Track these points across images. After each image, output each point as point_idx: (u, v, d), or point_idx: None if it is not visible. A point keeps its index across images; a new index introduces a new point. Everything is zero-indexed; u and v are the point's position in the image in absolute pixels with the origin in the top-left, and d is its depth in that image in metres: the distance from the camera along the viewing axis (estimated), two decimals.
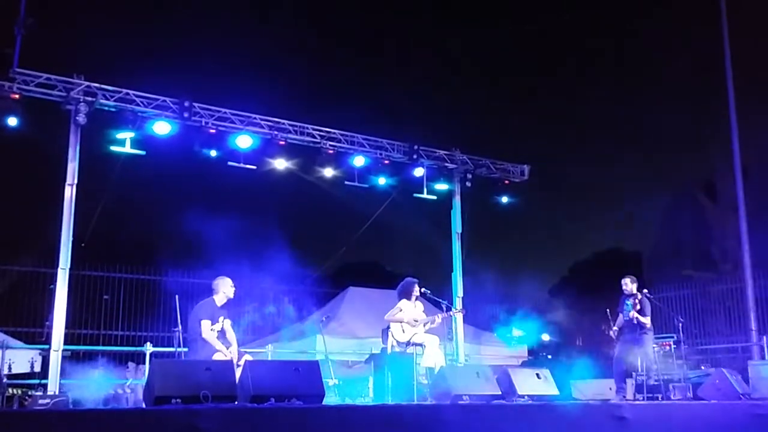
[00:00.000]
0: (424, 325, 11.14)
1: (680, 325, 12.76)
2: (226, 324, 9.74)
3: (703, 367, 13.56)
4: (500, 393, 9.33)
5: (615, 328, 11.83)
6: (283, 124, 13.10)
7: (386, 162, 14.06)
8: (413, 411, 8.07)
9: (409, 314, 11.10)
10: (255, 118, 12.83)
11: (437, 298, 11.64)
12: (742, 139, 15.62)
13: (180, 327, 9.94)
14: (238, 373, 8.22)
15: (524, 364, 14.97)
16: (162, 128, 11.92)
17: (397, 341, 11.01)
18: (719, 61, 15.95)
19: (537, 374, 10.02)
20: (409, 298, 11.22)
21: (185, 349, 9.83)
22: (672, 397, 11.76)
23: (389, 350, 11.04)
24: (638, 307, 11.43)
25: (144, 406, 7.67)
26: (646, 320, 11.37)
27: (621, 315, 11.74)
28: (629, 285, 11.59)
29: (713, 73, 16.14)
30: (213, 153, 12.52)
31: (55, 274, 10.91)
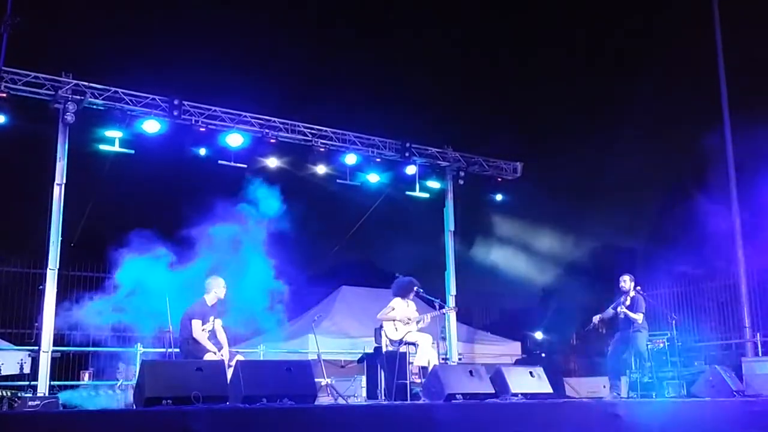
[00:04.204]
0: (417, 324, 11.10)
1: (674, 322, 12.76)
2: (217, 324, 9.68)
3: (696, 364, 13.54)
4: (494, 391, 9.29)
5: (597, 317, 11.70)
6: (274, 122, 13.04)
7: (378, 160, 14.02)
8: (406, 410, 8.02)
9: (401, 313, 11.06)
10: (245, 116, 12.76)
11: (429, 296, 11.59)
12: (735, 135, 15.61)
13: (171, 327, 9.86)
14: (229, 373, 8.15)
15: (518, 363, 14.93)
16: (151, 127, 11.83)
17: (390, 340, 10.98)
18: (712, 56, 15.96)
19: (530, 372, 9.99)
20: (404, 297, 11.19)
21: (176, 350, 9.76)
22: (666, 395, 11.75)
23: (383, 349, 11.02)
24: (628, 302, 11.34)
25: (134, 407, 7.59)
26: (637, 316, 11.23)
27: (611, 308, 11.62)
28: (627, 283, 11.50)
29: (707, 68, 16.13)
30: (203, 151, 12.45)
31: (44, 275, 10.81)
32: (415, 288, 11.19)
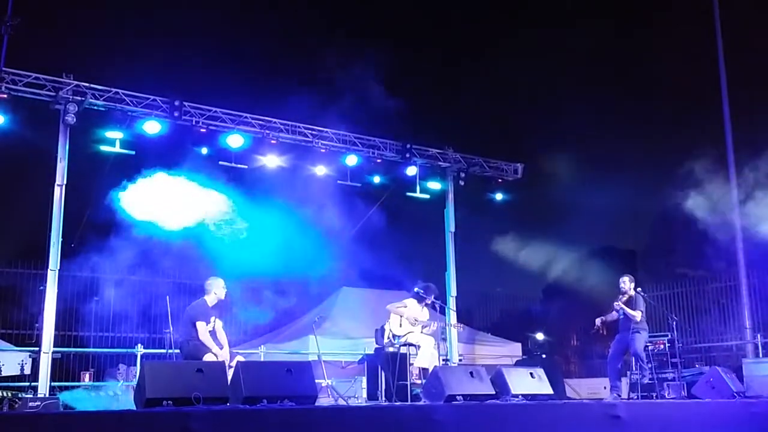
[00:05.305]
0: (423, 328, 11.19)
1: (674, 323, 12.74)
2: (218, 325, 9.68)
3: (697, 366, 13.54)
4: (494, 393, 9.29)
5: (599, 319, 11.63)
6: (275, 122, 13.02)
7: (379, 161, 14.01)
8: (406, 412, 8.02)
9: (411, 312, 11.20)
10: (246, 117, 12.75)
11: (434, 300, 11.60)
12: (735, 137, 15.61)
13: (171, 328, 9.85)
14: (229, 374, 8.15)
15: (518, 364, 14.92)
16: (152, 128, 11.82)
17: (393, 334, 11.10)
18: (713, 58, 15.97)
19: (531, 374, 9.99)
20: (420, 302, 11.30)
21: (176, 351, 9.75)
22: (666, 396, 11.74)
23: (386, 340, 11.12)
24: (625, 299, 11.26)
25: (135, 408, 7.59)
26: (636, 314, 11.12)
27: (615, 312, 11.59)
28: (627, 284, 11.41)
29: (708, 70, 16.15)
30: (204, 152, 12.44)
31: (45, 275, 10.81)
32: (432, 298, 11.27)
